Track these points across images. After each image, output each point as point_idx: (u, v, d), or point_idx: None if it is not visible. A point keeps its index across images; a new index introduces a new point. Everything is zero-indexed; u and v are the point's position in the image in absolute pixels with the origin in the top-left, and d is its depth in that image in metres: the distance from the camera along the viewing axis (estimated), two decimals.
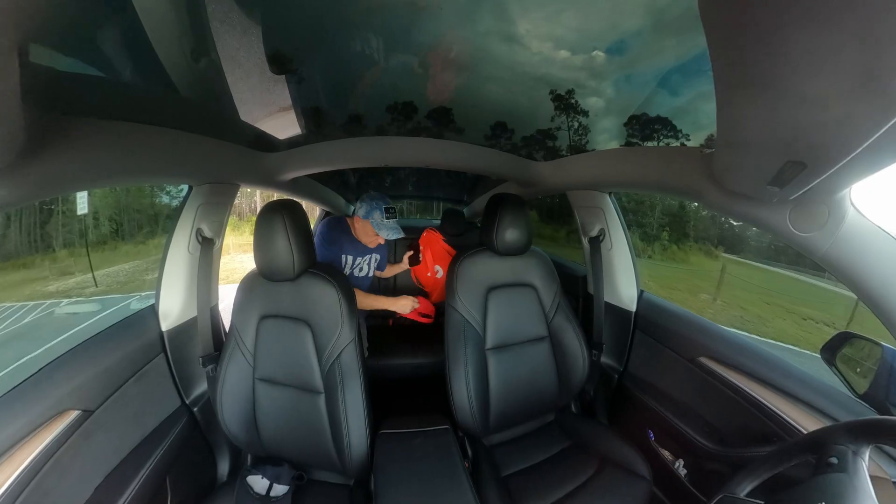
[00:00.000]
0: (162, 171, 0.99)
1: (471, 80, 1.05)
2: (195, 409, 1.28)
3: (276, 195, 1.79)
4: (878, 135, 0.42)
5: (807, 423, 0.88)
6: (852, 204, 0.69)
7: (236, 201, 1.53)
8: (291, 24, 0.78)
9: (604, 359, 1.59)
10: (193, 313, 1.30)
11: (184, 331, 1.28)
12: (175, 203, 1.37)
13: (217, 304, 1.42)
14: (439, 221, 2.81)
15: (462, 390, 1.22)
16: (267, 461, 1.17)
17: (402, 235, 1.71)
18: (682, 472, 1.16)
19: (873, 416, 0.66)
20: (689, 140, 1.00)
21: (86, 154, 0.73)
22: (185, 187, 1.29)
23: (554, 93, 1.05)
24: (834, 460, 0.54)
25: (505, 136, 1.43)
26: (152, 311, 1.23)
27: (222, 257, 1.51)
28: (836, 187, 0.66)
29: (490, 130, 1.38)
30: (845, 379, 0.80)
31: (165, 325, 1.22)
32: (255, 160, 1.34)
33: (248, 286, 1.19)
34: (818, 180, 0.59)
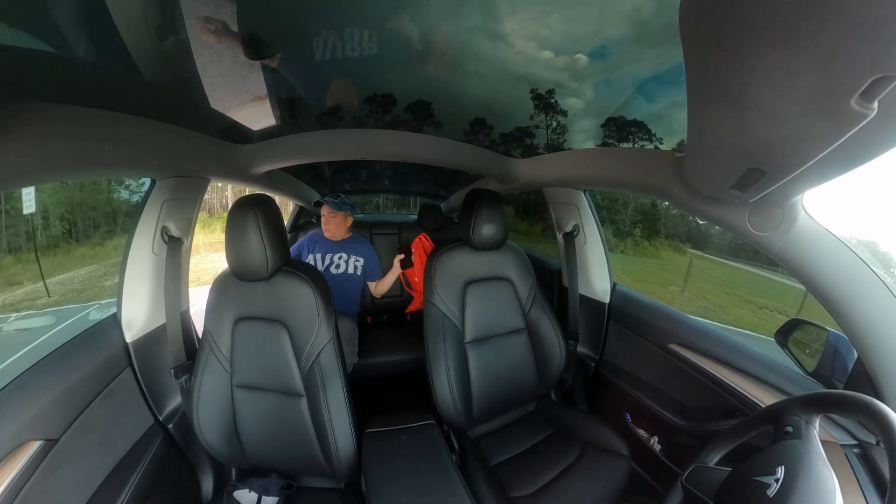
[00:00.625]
0: (122, 164, 0.91)
1: (453, 74, 1.05)
2: (170, 426, 1.21)
3: (248, 190, 1.73)
4: (828, 150, 0.47)
5: (765, 398, 0.98)
6: (804, 208, 0.78)
7: (206, 196, 1.44)
8: (269, 6, 0.75)
9: (580, 348, 1.66)
10: (161, 320, 1.21)
11: (151, 340, 1.19)
12: (136, 199, 1.27)
13: (188, 309, 1.34)
14: (416, 216, 2.80)
15: (444, 384, 1.23)
16: (253, 473, 1.13)
17: (333, 206, 2.03)
18: (657, 447, 1.26)
19: (821, 390, 0.74)
20: (662, 143, 1.06)
21: (33, 143, 0.66)
22: (147, 181, 1.19)
23: (534, 92, 1.08)
24: (790, 429, 0.62)
25: (483, 133, 1.44)
26: (114, 320, 1.14)
27: (192, 257, 1.43)
28: (791, 193, 0.74)
29: (469, 126, 1.39)
30: (796, 359, 0.92)
31: (130, 336, 1.13)
32: (227, 152, 1.27)
33: (221, 287, 1.14)
34: (775, 186, 0.66)
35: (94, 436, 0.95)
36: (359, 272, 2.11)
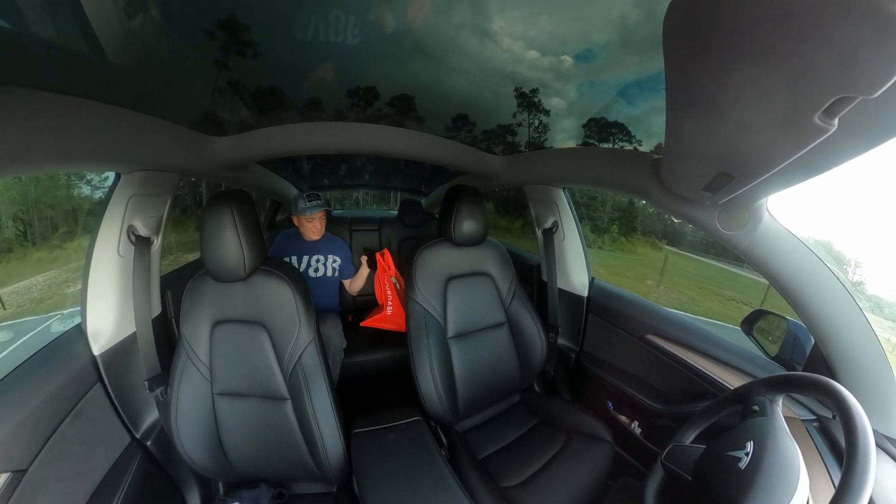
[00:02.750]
0: (82, 156, 0.84)
1: (437, 69, 1.06)
2: (148, 443, 1.14)
3: (223, 185, 1.66)
4: (791, 160, 0.53)
5: (733, 380, 1.07)
6: (768, 211, 0.85)
7: (178, 192, 1.35)
8: None
9: (560, 340, 1.72)
10: (131, 329, 1.13)
11: (122, 351, 1.12)
12: (99, 195, 1.18)
13: (159, 316, 1.27)
14: (396, 212, 2.79)
15: (428, 380, 1.25)
16: (241, 485, 1.09)
17: (318, 208, 1.94)
18: (638, 431, 1.34)
19: (783, 372, 0.82)
20: (640, 145, 1.12)
21: None
22: (111, 175, 1.10)
23: (518, 90, 1.10)
24: (756, 408, 0.70)
25: (466, 129, 1.46)
26: (79, 332, 1.06)
27: (164, 259, 1.33)
28: (756, 197, 0.81)
29: (451, 122, 1.40)
30: (760, 345, 1.01)
31: (98, 348, 1.05)
32: (200, 144, 1.20)
33: (196, 290, 1.09)
34: (742, 190, 0.73)
35: (66, 462, 0.88)
36: (336, 273, 2.08)
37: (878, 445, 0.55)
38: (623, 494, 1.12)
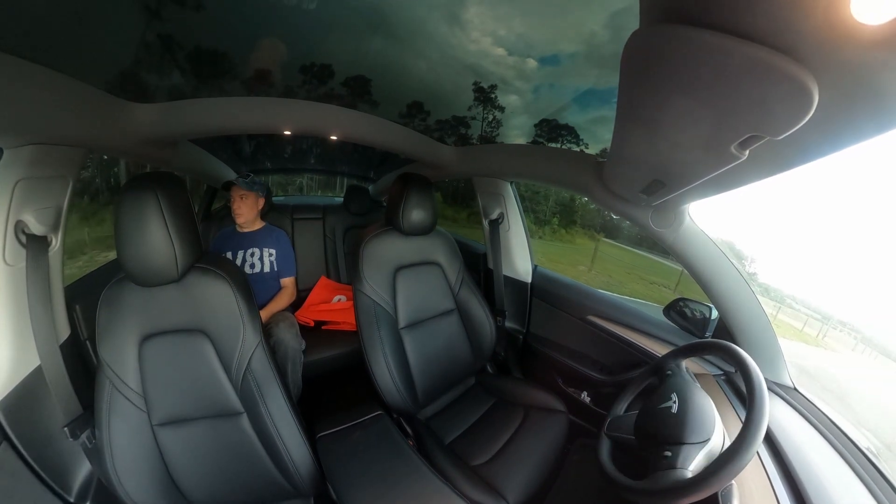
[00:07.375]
0: None
1: (400, 51, 1.08)
2: None
3: (149, 167, 1.45)
4: (709, 177, 0.68)
5: (660, 349, 1.27)
6: (689, 215, 1.07)
7: (84, 174, 1.13)
8: None
9: (508, 323, 1.86)
10: (35, 362, 0.94)
11: (26, 394, 0.92)
12: None
13: (70, 338, 1.07)
14: (342, 199, 2.72)
15: (384, 373, 1.27)
16: None
17: (248, 188, 1.87)
18: (587, 399, 1.52)
19: (693, 341, 1.05)
20: (587, 148, 1.25)
21: None
22: None
23: (477, 84, 1.17)
24: (669, 372, 0.92)
25: (420, 117, 1.49)
26: None
27: (77, 259, 1.09)
28: (681, 202, 1.01)
29: (406, 109, 1.42)
30: (679, 322, 1.28)
31: None
32: (117, 111, 1.03)
33: (115, 299, 0.93)
34: (670, 196, 0.90)
35: None
36: (275, 268, 1.97)
37: (769, 389, 0.76)
38: (581, 454, 1.30)
